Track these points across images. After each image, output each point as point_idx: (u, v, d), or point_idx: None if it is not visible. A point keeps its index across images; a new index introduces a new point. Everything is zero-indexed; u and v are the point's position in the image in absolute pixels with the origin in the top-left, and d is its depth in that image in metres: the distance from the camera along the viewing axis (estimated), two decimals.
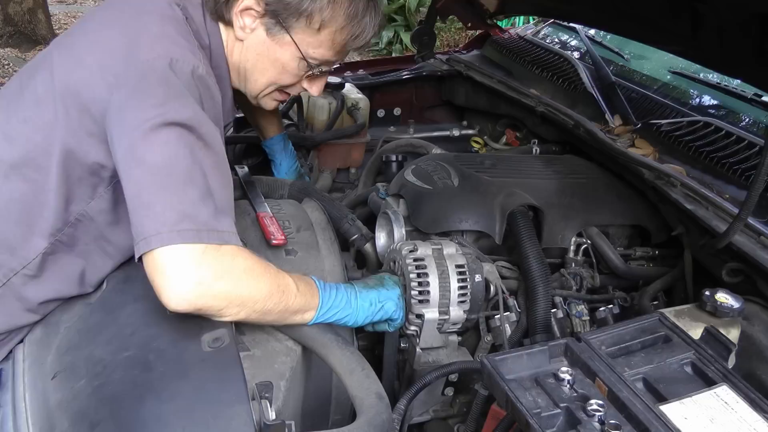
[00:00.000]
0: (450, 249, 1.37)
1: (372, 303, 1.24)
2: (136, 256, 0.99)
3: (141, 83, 1.05)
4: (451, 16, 2.93)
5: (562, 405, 0.90)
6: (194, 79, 1.09)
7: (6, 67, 5.64)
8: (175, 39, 1.12)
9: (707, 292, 1.19)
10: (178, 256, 0.97)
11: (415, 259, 1.33)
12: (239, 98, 1.43)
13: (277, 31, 1.23)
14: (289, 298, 1.10)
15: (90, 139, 1.10)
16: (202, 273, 0.98)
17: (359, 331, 1.38)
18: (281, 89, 1.35)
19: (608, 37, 2.38)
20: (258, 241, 1.37)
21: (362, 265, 1.60)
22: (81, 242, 1.18)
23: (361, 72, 2.49)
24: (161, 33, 1.12)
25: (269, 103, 1.39)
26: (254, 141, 2.00)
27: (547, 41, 2.48)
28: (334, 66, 1.34)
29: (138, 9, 1.18)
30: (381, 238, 1.57)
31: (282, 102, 1.41)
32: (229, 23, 1.24)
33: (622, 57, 2.22)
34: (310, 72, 1.31)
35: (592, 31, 2.40)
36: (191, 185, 1.00)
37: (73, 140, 1.10)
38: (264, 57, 1.27)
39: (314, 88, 1.37)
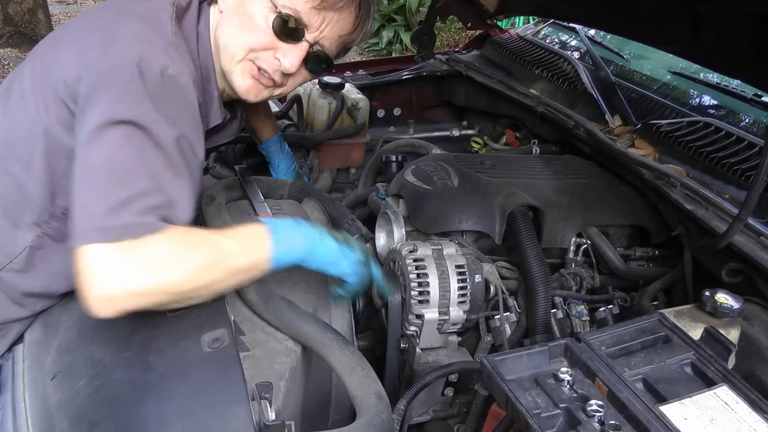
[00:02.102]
0: (450, 249, 1.37)
1: (333, 251, 1.17)
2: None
3: (106, 82, 1.03)
4: (451, 16, 2.92)
5: (561, 405, 0.89)
6: (164, 78, 1.06)
7: (6, 67, 5.64)
8: (148, 38, 1.10)
9: (707, 293, 1.19)
10: (94, 257, 0.92)
11: (415, 260, 1.33)
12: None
13: None
14: (232, 260, 1.04)
15: (69, 133, 1.09)
16: (120, 273, 0.92)
17: (359, 331, 1.38)
18: (254, 60, 1.23)
19: (608, 37, 2.38)
20: None
21: None
22: (69, 236, 1.17)
23: (361, 72, 2.49)
24: (135, 32, 1.10)
25: (242, 78, 1.25)
26: (254, 141, 2.00)
27: (547, 41, 2.48)
28: (310, 35, 1.22)
29: (123, 8, 1.17)
30: (381, 239, 1.57)
31: (257, 80, 1.26)
32: (215, 1, 1.23)
33: (622, 57, 2.22)
34: (281, 30, 1.20)
35: (592, 31, 2.40)
36: (126, 185, 0.96)
37: (54, 133, 1.09)
38: (236, 18, 1.21)
39: (287, 59, 1.22)
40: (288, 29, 1.20)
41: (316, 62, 1.27)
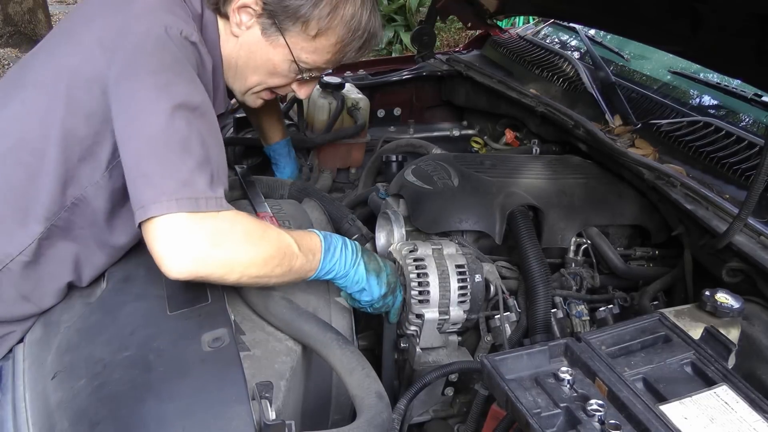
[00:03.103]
0: (450, 249, 1.37)
1: (360, 281, 1.24)
2: (136, 224, 1.00)
3: (137, 53, 1.06)
4: (451, 16, 2.93)
5: (562, 405, 0.89)
6: (190, 43, 1.11)
7: (6, 67, 5.64)
8: (170, 9, 1.13)
9: (707, 292, 1.19)
10: (175, 225, 0.98)
11: (415, 259, 1.33)
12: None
13: (272, 32, 1.23)
14: (291, 259, 1.11)
15: (89, 120, 1.10)
16: (200, 241, 0.99)
17: (359, 331, 1.37)
18: (270, 89, 1.35)
19: (608, 37, 2.38)
20: None
21: None
22: (76, 226, 1.18)
23: (361, 72, 2.49)
24: (155, 5, 1.12)
25: (255, 101, 1.37)
26: (253, 143, 2.00)
27: (547, 41, 2.48)
28: (326, 72, 1.34)
29: None
30: (381, 238, 1.57)
31: (267, 100, 1.40)
32: (225, 17, 1.25)
33: (622, 57, 2.22)
34: (300, 76, 1.31)
35: (592, 31, 2.40)
36: (188, 154, 1.01)
37: (73, 121, 1.10)
38: (256, 55, 1.27)
39: (302, 91, 1.37)
40: (307, 77, 1.32)
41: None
